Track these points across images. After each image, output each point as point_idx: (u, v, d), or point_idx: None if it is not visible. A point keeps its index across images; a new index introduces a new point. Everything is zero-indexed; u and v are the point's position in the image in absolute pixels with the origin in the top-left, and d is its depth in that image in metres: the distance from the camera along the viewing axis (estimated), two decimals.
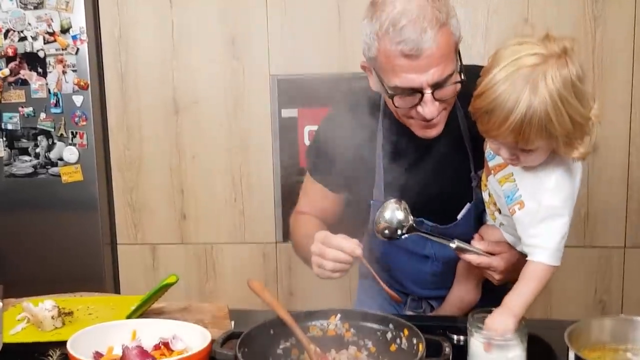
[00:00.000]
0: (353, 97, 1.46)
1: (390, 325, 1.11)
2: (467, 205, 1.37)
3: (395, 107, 1.24)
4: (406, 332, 1.08)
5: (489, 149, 1.20)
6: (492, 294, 1.37)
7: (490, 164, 1.21)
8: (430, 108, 1.20)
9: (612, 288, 2.42)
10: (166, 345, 1.18)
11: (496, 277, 1.28)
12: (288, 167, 2.56)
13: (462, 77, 1.23)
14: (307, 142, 2.51)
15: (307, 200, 1.53)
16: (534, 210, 1.10)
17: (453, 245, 1.26)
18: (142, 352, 1.14)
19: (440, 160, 1.37)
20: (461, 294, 1.40)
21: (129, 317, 1.33)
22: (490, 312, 1.14)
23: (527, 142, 1.03)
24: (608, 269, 2.44)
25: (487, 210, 1.31)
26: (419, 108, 1.21)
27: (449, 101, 1.24)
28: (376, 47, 1.20)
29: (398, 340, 1.09)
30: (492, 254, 1.27)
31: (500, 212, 1.25)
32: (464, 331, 1.11)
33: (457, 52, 1.24)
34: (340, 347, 1.14)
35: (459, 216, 1.37)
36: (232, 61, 2.53)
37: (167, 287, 1.39)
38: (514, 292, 1.08)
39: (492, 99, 1.02)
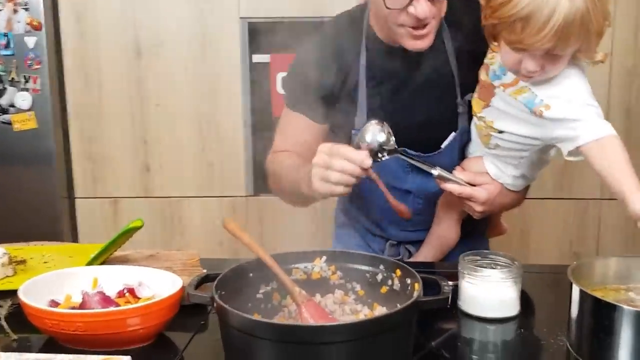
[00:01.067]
0: (334, 21, 1.40)
1: (381, 266, 1.02)
2: (452, 134, 1.32)
3: (387, 7, 1.18)
4: (398, 272, 0.99)
5: (493, 67, 1.18)
6: (469, 239, 1.39)
7: (497, 82, 1.18)
8: (422, 6, 1.16)
9: (588, 239, 2.40)
10: (131, 292, 1.08)
11: (477, 208, 1.26)
12: (260, 116, 2.43)
13: None
14: (280, 90, 2.39)
15: (285, 137, 1.43)
16: (565, 104, 1.07)
17: (435, 172, 1.23)
18: (105, 298, 1.04)
19: (425, 86, 1.31)
20: (441, 232, 1.38)
21: (89, 264, 1.22)
22: (481, 254, 1.10)
23: (567, 45, 1.01)
24: (584, 220, 2.42)
25: (478, 134, 1.27)
26: (411, 8, 1.17)
27: (439, 6, 1.20)
28: None
29: (389, 282, 1.01)
30: (473, 185, 1.25)
31: (500, 132, 1.20)
32: (451, 276, 1.05)
33: None
34: (325, 291, 1.05)
35: (443, 145, 1.33)
36: (199, 2, 2.36)
37: (131, 232, 1.27)
38: (623, 179, 0.99)
39: (528, 2, 0.98)
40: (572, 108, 1.06)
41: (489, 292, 1.04)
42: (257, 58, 2.40)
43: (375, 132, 1.19)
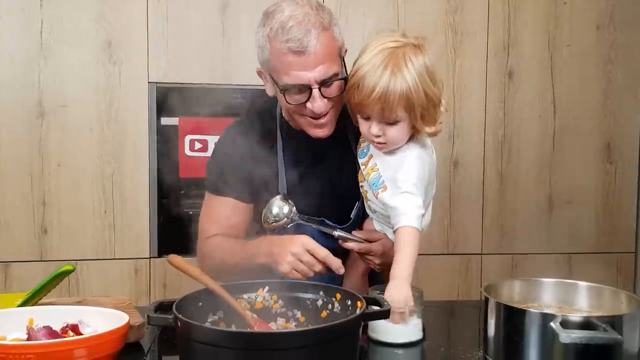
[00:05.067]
0: (251, 108, 1.58)
1: (321, 292, 1.12)
2: (357, 204, 1.49)
3: (288, 103, 1.36)
4: (338, 296, 1.10)
5: (362, 146, 1.40)
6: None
7: (361, 160, 1.39)
8: (318, 103, 1.33)
9: (472, 290, 2.63)
10: (74, 329, 1.08)
11: (376, 261, 1.42)
12: (166, 178, 2.47)
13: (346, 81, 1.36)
14: (188, 151, 2.46)
15: (213, 222, 1.52)
16: (393, 188, 1.28)
17: (335, 233, 1.40)
18: (51, 332, 1.03)
19: (333, 164, 1.49)
20: (350, 285, 1.47)
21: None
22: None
23: (392, 110, 1.22)
24: (468, 272, 2.66)
25: (365, 202, 1.43)
26: (309, 104, 1.33)
27: (335, 100, 1.36)
28: (268, 48, 1.34)
29: (329, 306, 1.10)
30: (371, 241, 1.41)
31: (371, 201, 1.39)
32: None
33: (342, 59, 1.38)
34: (268, 319, 1.12)
35: (352, 214, 1.49)
36: (107, 65, 2.41)
37: (62, 276, 1.27)
38: (396, 263, 1.20)
39: (363, 74, 1.23)
40: (394, 195, 1.26)
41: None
42: (166, 121, 2.46)
43: (280, 206, 1.38)
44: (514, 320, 1.04)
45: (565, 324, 0.97)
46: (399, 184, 1.26)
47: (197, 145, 2.45)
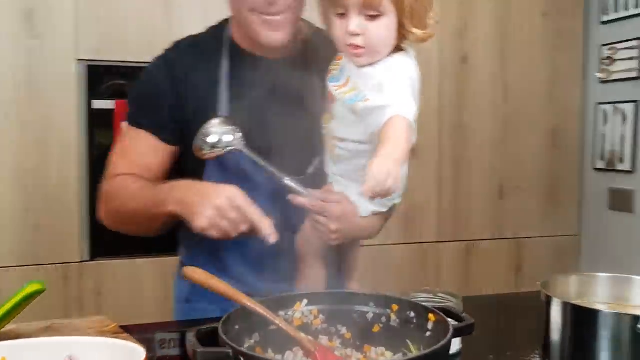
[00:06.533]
0: (192, 36, 1.31)
1: (371, 304, 0.96)
2: (317, 160, 1.25)
3: None
4: (395, 307, 0.94)
5: (334, 72, 1.15)
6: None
7: (333, 84, 1.14)
8: None
9: (429, 279, 2.58)
10: None
11: (332, 226, 1.16)
12: (99, 170, 2.16)
13: None
14: None
15: (125, 157, 1.28)
16: (379, 94, 1.04)
17: (285, 181, 1.17)
18: None
19: (291, 100, 1.23)
20: (308, 274, 1.25)
21: None
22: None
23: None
24: (425, 262, 2.60)
25: (327, 154, 1.20)
26: None
27: None
28: None
29: (383, 319, 0.94)
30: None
31: (342, 141, 1.16)
32: None
33: None
34: None
35: (309, 171, 1.25)
36: (27, 39, 2.06)
37: (32, 298, 1.01)
38: (382, 144, 0.95)
39: None
40: (383, 96, 1.03)
41: None
42: (99, 104, 2.16)
43: (221, 131, 1.15)
44: (587, 322, 0.94)
45: None
46: (386, 88, 1.03)
47: None
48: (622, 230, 2.67)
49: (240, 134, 1.17)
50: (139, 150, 1.27)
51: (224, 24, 1.31)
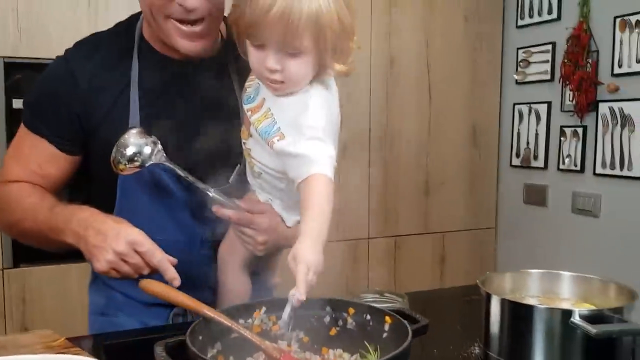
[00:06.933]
0: (99, 34, 1.22)
1: (328, 308, 0.99)
2: (238, 167, 1.21)
3: None
4: (351, 310, 0.98)
5: (249, 90, 1.10)
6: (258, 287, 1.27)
7: (247, 106, 1.09)
8: None
9: (360, 275, 2.66)
10: None
11: (259, 238, 1.14)
12: None
13: None
14: None
15: (20, 163, 1.18)
16: (295, 135, 0.99)
17: (211, 193, 1.12)
18: None
19: (209, 106, 1.18)
20: (230, 285, 1.23)
21: None
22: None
23: (296, 35, 0.93)
24: (356, 258, 2.67)
25: (247, 165, 1.17)
26: None
27: (214, 3, 1.09)
28: None
29: (340, 322, 0.98)
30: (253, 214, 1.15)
31: (259, 162, 1.12)
32: None
33: None
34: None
35: (231, 179, 1.21)
36: None
37: None
38: (306, 220, 0.92)
39: None
40: (299, 142, 0.97)
41: None
42: (19, 104, 2.05)
43: (139, 143, 1.08)
44: (524, 317, 1.03)
45: (584, 319, 0.98)
46: (305, 130, 0.97)
47: None
48: (536, 222, 2.87)
49: (160, 146, 1.10)
50: (36, 158, 1.17)
51: (133, 21, 1.21)
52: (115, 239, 1.02)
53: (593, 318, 0.99)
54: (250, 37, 0.97)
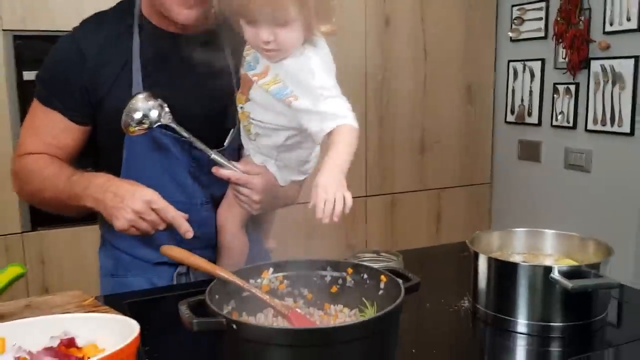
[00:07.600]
0: (102, 12, 1.31)
1: (329, 268, 1.09)
2: (232, 131, 1.30)
3: None
4: (350, 270, 1.08)
5: (248, 59, 1.20)
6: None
7: (252, 73, 1.19)
8: None
9: (358, 231, 2.76)
10: (70, 343, 0.92)
11: (255, 197, 1.25)
12: None
13: None
14: None
15: (36, 136, 1.27)
16: (310, 97, 1.09)
17: (211, 154, 1.23)
18: (58, 352, 0.87)
19: (204, 75, 1.26)
20: (228, 243, 1.33)
21: None
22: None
23: (282, 8, 1.05)
24: (355, 215, 2.77)
25: (242, 124, 1.27)
26: None
27: None
28: None
29: (340, 281, 1.08)
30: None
31: (260, 122, 1.22)
32: None
33: None
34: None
35: (226, 142, 1.30)
36: None
37: (13, 282, 1.07)
38: (330, 153, 1.02)
39: None
40: (318, 102, 1.07)
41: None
42: (30, 76, 2.11)
43: (146, 106, 1.18)
44: (508, 273, 1.12)
45: (562, 274, 1.07)
46: (319, 91, 1.08)
47: None
48: (530, 177, 2.96)
49: (167, 108, 1.19)
50: (51, 130, 1.26)
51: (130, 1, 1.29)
52: (132, 199, 1.14)
53: (571, 273, 1.08)
54: (242, 15, 1.09)
